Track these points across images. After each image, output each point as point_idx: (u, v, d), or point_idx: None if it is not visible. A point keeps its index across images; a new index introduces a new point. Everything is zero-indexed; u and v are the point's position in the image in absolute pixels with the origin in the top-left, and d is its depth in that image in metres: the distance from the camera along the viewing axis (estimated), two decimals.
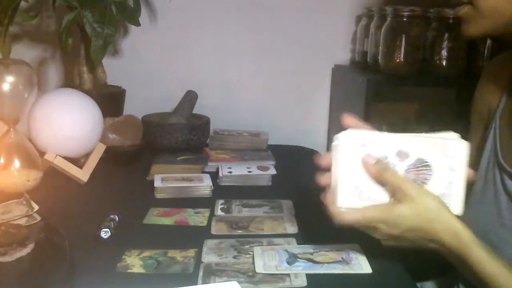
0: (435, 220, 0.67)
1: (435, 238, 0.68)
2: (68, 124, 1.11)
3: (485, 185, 0.82)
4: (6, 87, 1.00)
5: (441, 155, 0.70)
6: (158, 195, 1.07)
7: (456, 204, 0.70)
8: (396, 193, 0.68)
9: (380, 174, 0.68)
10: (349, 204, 0.69)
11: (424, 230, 0.67)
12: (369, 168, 0.69)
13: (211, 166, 1.24)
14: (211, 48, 1.58)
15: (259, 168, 1.20)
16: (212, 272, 0.74)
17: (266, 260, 0.77)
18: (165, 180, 1.11)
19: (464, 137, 0.71)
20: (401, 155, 0.70)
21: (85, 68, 1.39)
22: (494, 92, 0.86)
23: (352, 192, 0.70)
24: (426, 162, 0.70)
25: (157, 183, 1.09)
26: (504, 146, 0.80)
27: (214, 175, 1.17)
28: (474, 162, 0.84)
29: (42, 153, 1.09)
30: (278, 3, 1.56)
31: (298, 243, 0.85)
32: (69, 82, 1.49)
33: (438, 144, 0.70)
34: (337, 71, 1.60)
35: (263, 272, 0.74)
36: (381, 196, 0.70)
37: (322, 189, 0.73)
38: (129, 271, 0.75)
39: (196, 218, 0.96)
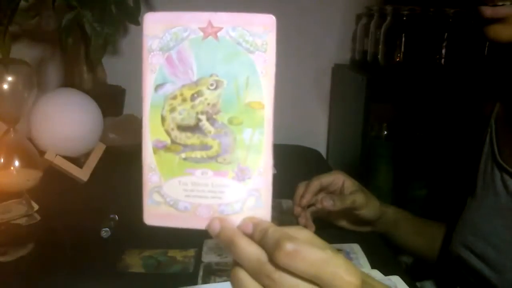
0: None
1: None
2: (68, 124, 1.11)
3: (484, 189, 0.81)
4: (6, 87, 1.00)
5: None
6: None
7: None
8: None
9: None
10: None
11: None
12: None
13: None
14: None
15: None
16: (212, 272, 0.74)
17: None
18: None
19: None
20: None
21: (85, 68, 1.39)
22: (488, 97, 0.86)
23: None
24: None
25: None
26: (504, 149, 0.80)
27: None
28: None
29: (42, 153, 1.09)
30: (278, 2, 1.56)
31: None
32: (69, 82, 1.49)
33: None
34: (337, 71, 1.60)
35: None
36: None
37: None
38: (129, 271, 0.75)
39: None
